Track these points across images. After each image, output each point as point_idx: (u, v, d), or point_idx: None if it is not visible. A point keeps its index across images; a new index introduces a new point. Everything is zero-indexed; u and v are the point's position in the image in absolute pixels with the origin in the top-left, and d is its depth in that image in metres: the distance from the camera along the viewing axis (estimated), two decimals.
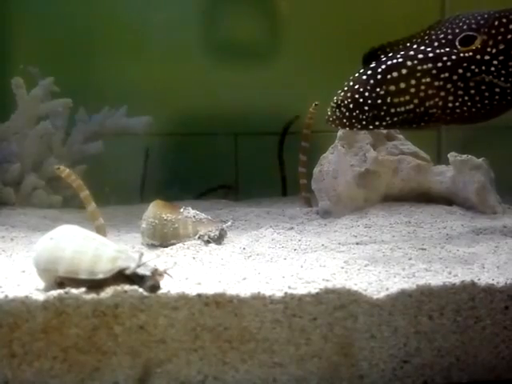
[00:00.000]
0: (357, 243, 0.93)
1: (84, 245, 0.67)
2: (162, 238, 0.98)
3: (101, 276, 0.65)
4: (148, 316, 0.65)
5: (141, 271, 0.65)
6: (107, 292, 0.64)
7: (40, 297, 0.64)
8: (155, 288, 0.65)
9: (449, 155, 1.12)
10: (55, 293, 0.64)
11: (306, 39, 1.62)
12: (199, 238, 0.97)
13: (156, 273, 0.65)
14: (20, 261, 0.84)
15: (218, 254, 0.91)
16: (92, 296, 0.64)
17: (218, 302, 0.66)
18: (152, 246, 0.98)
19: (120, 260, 0.66)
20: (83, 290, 0.64)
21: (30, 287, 0.68)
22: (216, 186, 1.58)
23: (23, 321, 0.63)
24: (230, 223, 1.03)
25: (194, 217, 1.00)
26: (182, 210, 1.01)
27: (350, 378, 0.67)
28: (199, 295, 0.66)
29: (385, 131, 1.19)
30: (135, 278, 0.65)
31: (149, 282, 0.64)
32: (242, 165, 1.66)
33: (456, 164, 1.10)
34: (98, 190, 1.12)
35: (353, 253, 0.87)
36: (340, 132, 1.17)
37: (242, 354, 0.66)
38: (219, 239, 0.99)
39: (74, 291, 0.64)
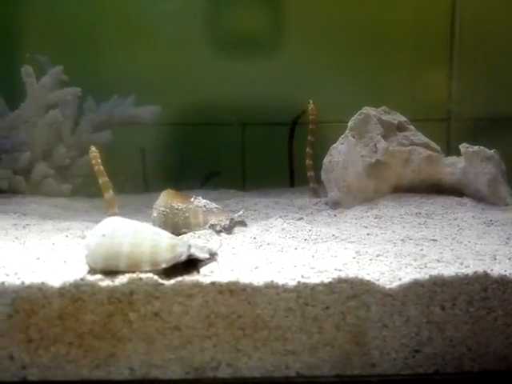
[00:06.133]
0: (367, 234, 0.93)
1: (138, 237, 0.67)
2: (172, 227, 0.98)
3: (164, 265, 0.65)
4: (163, 303, 0.65)
5: (201, 254, 0.67)
6: (122, 279, 0.65)
7: (56, 283, 0.65)
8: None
9: (460, 146, 1.11)
10: (71, 279, 0.65)
11: (314, 30, 1.61)
12: (210, 227, 0.98)
13: (212, 252, 0.68)
14: (33, 248, 0.85)
15: (229, 243, 0.91)
16: (107, 283, 0.65)
17: (232, 290, 0.66)
18: None
19: (178, 247, 0.66)
20: (99, 276, 0.65)
21: (46, 274, 0.68)
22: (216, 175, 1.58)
23: (39, 307, 0.64)
24: (241, 212, 1.03)
25: (205, 206, 1.01)
26: (192, 199, 1.01)
27: (361, 366, 0.67)
28: (213, 283, 0.66)
29: (395, 121, 1.19)
30: (196, 262, 0.67)
31: (209, 261, 0.67)
32: (250, 155, 1.66)
33: (467, 155, 1.09)
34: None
35: (363, 243, 0.87)
36: (351, 122, 1.17)
37: (255, 342, 0.66)
38: (230, 229, 0.99)
39: (90, 278, 0.65)
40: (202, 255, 0.67)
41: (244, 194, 1.43)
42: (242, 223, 1.03)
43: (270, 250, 0.87)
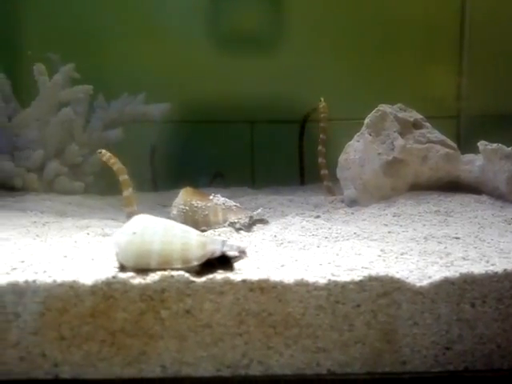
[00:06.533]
0: (388, 232, 0.93)
1: (168, 234, 0.67)
2: (192, 225, 0.98)
3: (195, 263, 0.65)
4: (194, 300, 0.65)
5: (230, 252, 0.68)
6: (154, 277, 0.65)
7: (88, 281, 0.64)
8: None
9: (479, 144, 1.11)
10: (103, 277, 0.64)
11: (324, 28, 1.61)
12: (230, 224, 0.98)
13: (241, 250, 0.68)
14: (56, 245, 0.85)
15: (250, 241, 0.91)
16: (139, 281, 0.64)
17: (263, 287, 0.66)
18: None
19: (208, 244, 0.66)
20: (130, 274, 0.65)
21: (76, 272, 0.68)
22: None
23: (71, 305, 0.64)
24: (260, 210, 1.03)
25: (224, 204, 1.01)
26: (211, 197, 1.01)
27: (392, 363, 0.67)
28: (244, 281, 0.66)
29: (412, 119, 1.19)
30: (227, 259, 0.67)
31: (238, 259, 0.68)
32: (259, 153, 1.66)
33: (486, 153, 1.09)
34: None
35: (386, 241, 0.87)
36: (367, 119, 1.17)
37: (286, 339, 0.66)
38: (249, 226, 0.99)
39: (122, 276, 0.64)
40: (232, 252, 0.68)
41: (255, 192, 1.43)
42: (261, 221, 1.03)
43: (291, 247, 0.87)
